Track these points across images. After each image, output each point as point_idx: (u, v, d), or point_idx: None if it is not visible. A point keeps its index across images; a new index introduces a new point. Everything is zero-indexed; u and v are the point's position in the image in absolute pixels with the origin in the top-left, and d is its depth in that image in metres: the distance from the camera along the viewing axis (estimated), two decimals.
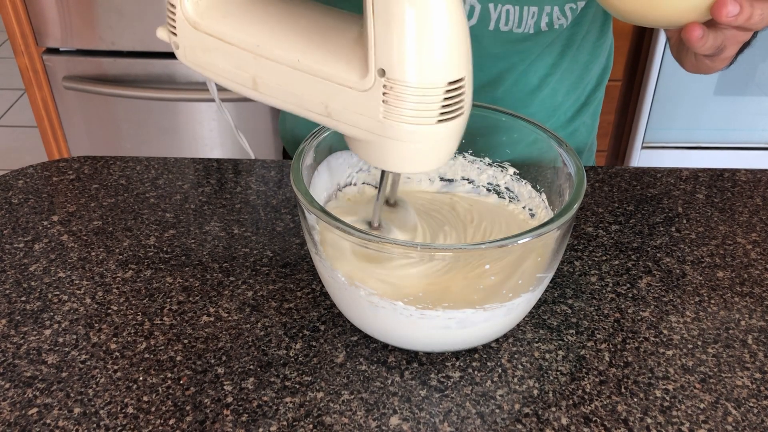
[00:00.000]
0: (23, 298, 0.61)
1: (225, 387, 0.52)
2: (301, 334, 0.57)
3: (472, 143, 0.65)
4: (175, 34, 0.50)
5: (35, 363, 0.54)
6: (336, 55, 0.45)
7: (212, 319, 0.59)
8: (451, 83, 0.43)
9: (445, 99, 0.43)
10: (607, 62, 0.85)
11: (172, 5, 0.49)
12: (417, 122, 0.44)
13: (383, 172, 0.54)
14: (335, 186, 0.64)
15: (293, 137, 0.89)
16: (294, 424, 0.50)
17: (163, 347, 0.56)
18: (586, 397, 0.52)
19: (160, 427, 0.49)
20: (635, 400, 0.52)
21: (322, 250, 0.53)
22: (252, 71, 0.47)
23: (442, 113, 0.44)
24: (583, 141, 0.87)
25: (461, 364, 0.55)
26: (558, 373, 0.54)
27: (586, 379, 0.54)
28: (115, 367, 0.54)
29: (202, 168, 0.80)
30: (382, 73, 0.42)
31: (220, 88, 0.54)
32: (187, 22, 0.48)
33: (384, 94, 0.43)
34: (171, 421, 0.50)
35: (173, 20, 0.49)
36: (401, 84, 0.42)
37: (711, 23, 0.50)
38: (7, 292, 0.61)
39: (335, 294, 0.55)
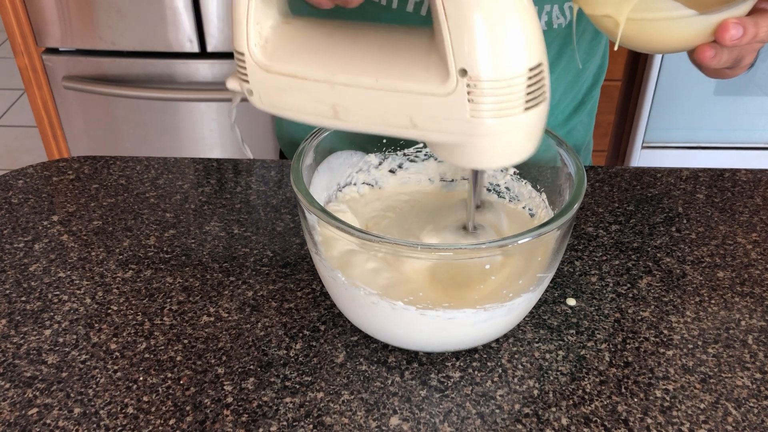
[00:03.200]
0: (23, 298, 0.61)
1: (225, 387, 0.52)
2: (301, 334, 0.57)
3: None
4: (247, 81, 0.49)
5: (35, 363, 0.54)
6: (412, 66, 0.44)
7: (212, 319, 0.59)
8: (531, 69, 0.43)
9: (529, 86, 0.43)
10: (603, 60, 0.85)
11: (240, 53, 0.48)
12: (506, 114, 0.44)
13: (475, 174, 0.53)
14: (335, 186, 0.64)
15: (290, 139, 0.89)
16: (294, 424, 0.50)
17: (163, 347, 0.56)
18: (586, 397, 0.52)
19: (160, 427, 0.49)
20: (635, 400, 0.52)
21: (322, 250, 0.53)
22: (331, 101, 0.47)
23: (527, 101, 0.44)
24: (580, 140, 0.87)
25: (461, 364, 0.55)
26: (558, 373, 0.54)
27: (586, 379, 0.54)
28: (115, 367, 0.54)
29: (202, 168, 0.80)
30: (464, 73, 0.42)
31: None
32: (257, 67, 0.48)
33: (469, 93, 0.43)
34: (171, 421, 0.50)
35: (243, 67, 0.49)
36: (484, 80, 0.42)
37: None
38: (7, 292, 0.61)
39: (335, 294, 0.55)
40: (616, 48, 0.53)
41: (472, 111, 0.44)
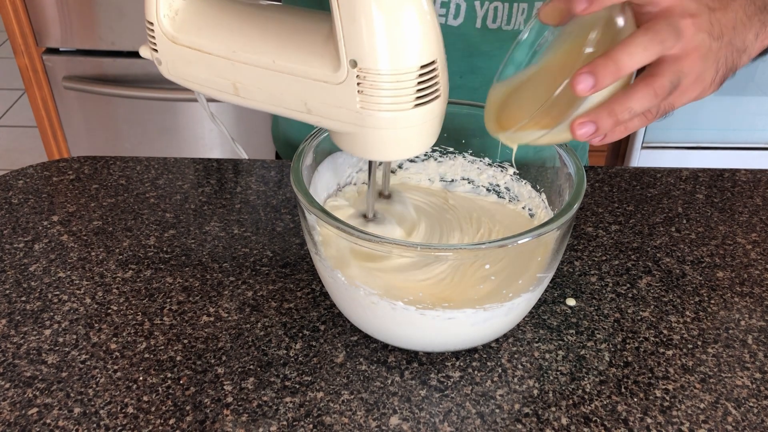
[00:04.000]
0: (23, 298, 0.61)
1: (225, 387, 0.53)
2: (301, 334, 0.57)
3: (471, 143, 0.65)
4: (156, 50, 0.51)
5: (35, 363, 0.54)
6: (308, 52, 0.46)
7: (212, 319, 0.59)
8: (423, 66, 0.44)
9: (419, 83, 0.44)
10: None
11: (150, 22, 0.50)
12: (393, 108, 0.45)
13: (370, 163, 0.55)
14: (335, 186, 0.64)
15: (286, 140, 0.89)
16: (294, 424, 0.50)
17: (163, 347, 0.56)
18: (586, 397, 0.52)
19: (160, 427, 0.49)
20: (635, 400, 0.52)
21: (322, 250, 0.53)
22: (231, 77, 0.49)
23: (417, 98, 0.45)
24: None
25: (461, 364, 0.55)
26: (558, 373, 0.54)
27: (586, 379, 0.54)
28: (115, 367, 0.54)
29: (202, 168, 0.80)
30: (354, 64, 0.43)
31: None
32: (165, 38, 0.50)
33: (358, 84, 0.44)
34: (171, 421, 0.50)
35: (153, 37, 0.51)
36: (374, 72, 0.43)
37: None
38: (7, 292, 0.61)
39: (335, 294, 0.55)
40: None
41: (362, 102, 0.45)
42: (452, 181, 0.67)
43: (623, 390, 0.53)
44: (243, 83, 0.49)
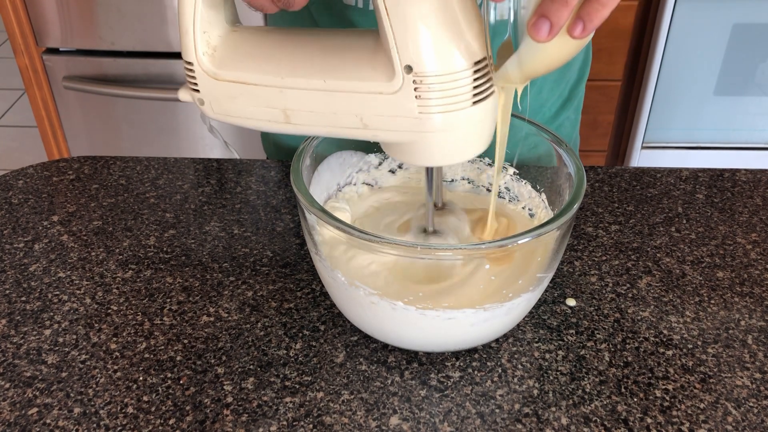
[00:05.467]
0: (23, 298, 0.61)
1: (225, 387, 0.53)
2: (301, 334, 0.57)
3: None
4: (197, 90, 0.50)
5: (35, 363, 0.54)
6: (359, 66, 0.45)
7: (212, 319, 0.59)
8: (477, 63, 0.44)
9: (475, 80, 0.44)
10: (587, 55, 0.85)
11: (189, 62, 0.49)
12: (453, 109, 0.44)
13: (429, 171, 0.54)
14: (335, 186, 0.64)
15: (276, 145, 0.89)
16: (294, 424, 0.50)
17: (163, 347, 0.56)
18: (586, 397, 0.52)
19: (160, 427, 0.49)
20: (635, 400, 0.52)
21: (322, 250, 0.53)
22: (281, 105, 0.48)
23: (475, 94, 0.44)
24: (567, 136, 0.87)
25: (461, 364, 0.55)
26: (558, 373, 0.54)
27: (586, 379, 0.54)
28: (115, 367, 0.54)
29: (202, 168, 0.80)
30: (409, 69, 0.43)
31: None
32: (207, 75, 0.49)
33: (415, 89, 0.43)
34: (171, 421, 0.50)
35: (193, 77, 0.49)
36: (431, 75, 0.43)
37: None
38: (7, 292, 0.61)
39: (335, 294, 0.55)
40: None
41: (420, 107, 0.44)
42: (452, 181, 0.67)
43: (623, 390, 0.53)
44: (294, 109, 0.48)
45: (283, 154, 0.88)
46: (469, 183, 0.67)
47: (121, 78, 1.67)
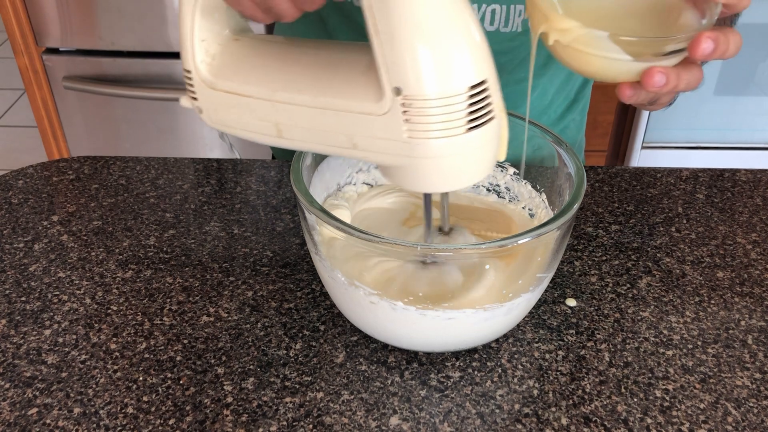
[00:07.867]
0: (23, 298, 0.61)
1: (225, 387, 0.53)
2: (301, 334, 0.57)
3: None
4: (196, 98, 0.49)
5: (35, 363, 0.54)
6: (349, 85, 0.43)
7: (212, 319, 0.59)
8: (473, 87, 0.41)
9: (470, 105, 0.41)
10: None
11: (188, 71, 0.48)
12: (445, 135, 0.42)
13: (426, 198, 0.52)
14: (335, 186, 0.64)
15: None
16: (294, 424, 0.50)
17: (163, 347, 0.56)
18: (586, 397, 0.52)
19: (160, 427, 0.49)
20: (635, 400, 0.52)
21: (322, 250, 0.53)
22: (273, 119, 0.47)
23: (470, 120, 0.42)
24: (572, 138, 0.87)
25: (461, 364, 0.55)
26: (558, 373, 0.54)
27: (586, 379, 0.54)
28: (115, 367, 0.54)
29: (202, 168, 0.80)
30: (398, 92, 0.41)
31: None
32: (204, 84, 0.48)
33: (404, 112, 0.41)
34: (171, 421, 0.50)
35: (192, 85, 0.49)
36: (420, 98, 0.40)
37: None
38: (7, 292, 0.61)
39: (335, 294, 0.55)
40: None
41: (409, 131, 0.42)
42: None
43: (623, 390, 0.53)
44: (285, 124, 0.46)
45: (289, 154, 0.88)
46: None
47: (121, 78, 1.67)
